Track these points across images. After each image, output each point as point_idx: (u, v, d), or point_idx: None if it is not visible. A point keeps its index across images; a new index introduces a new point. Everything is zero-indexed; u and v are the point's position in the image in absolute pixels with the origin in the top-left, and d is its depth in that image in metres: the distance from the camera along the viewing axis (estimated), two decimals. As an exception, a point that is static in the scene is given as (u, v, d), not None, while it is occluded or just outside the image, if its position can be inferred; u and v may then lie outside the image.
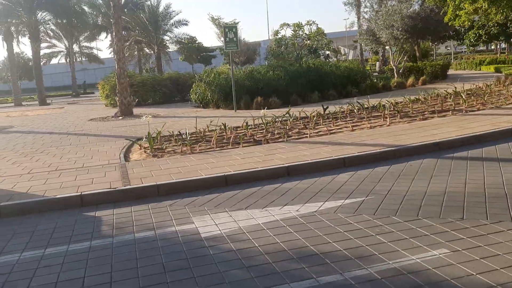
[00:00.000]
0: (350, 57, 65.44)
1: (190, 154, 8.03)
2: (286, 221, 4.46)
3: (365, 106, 12.00)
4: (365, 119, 10.71)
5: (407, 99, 12.93)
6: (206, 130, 10.50)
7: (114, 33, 16.24)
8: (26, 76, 48.74)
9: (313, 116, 10.98)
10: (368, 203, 4.87)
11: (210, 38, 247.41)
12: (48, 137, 11.98)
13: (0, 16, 28.72)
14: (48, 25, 33.01)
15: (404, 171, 6.18)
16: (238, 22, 45.77)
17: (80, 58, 54.75)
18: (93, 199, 5.64)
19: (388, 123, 9.77)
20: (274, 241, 3.95)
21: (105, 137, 11.17)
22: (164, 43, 39.55)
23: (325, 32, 30.06)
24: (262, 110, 10.44)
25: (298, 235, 4.04)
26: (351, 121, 10.47)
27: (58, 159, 8.32)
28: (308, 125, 10.41)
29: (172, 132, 10.13)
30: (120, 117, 16.02)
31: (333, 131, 9.42)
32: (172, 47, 44.10)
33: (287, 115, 11.28)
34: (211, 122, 10.73)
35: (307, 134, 9.16)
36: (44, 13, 30.66)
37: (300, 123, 10.84)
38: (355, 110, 11.60)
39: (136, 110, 17.57)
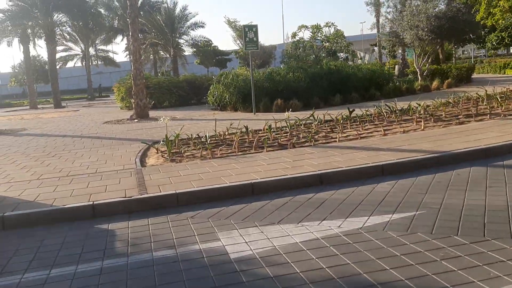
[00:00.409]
0: (366, 61, 64.51)
1: (211, 158, 7.45)
2: (328, 240, 3.83)
3: (394, 109, 11.31)
4: (395, 123, 10.01)
5: (437, 102, 12.20)
6: (226, 133, 9.91)
7: (130, 34, 15.82)
8: (42, 79, 48.79)
9: (340, 119, 10.32)
10: (421, 219, 4.21)
11: (225, 42, 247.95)
12: (61, 140, 11.52)
13: (17, 18, 28.64)
14: (64, 27, 32.93)
15: (452, 181, 5.49)
16: (255, 25, 45.06)
17: (96, 61, 54.86)
18: (106, 209, 5.08)
19: (422, 127, 9.06)
20: (318, 265, 3.32)
21: (120, 140, 10.66)
22: (180, 45, 39.18)
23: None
24: (286, 113, 9.83)
25: (345, 259, 3.41)
26: (380, 125, 9.78)
27: (70, 164, 7.81)
28: (335, 128, 9.76)
29: (191, 135, 9.58)
30: (136, 120, 15.54)
31: (364, 135, 8.75)
32: (188, 50, 43.75)
33: (312, 117, 10.64)
34: (231, 124, 10.15)
35: (335, 138, 8.51)
36: (61, 15, 30.56)
37: (325, 127, 10.19)
38: (384, 113, 10.90)
39: (152, 113, 17.09)
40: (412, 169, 6.13)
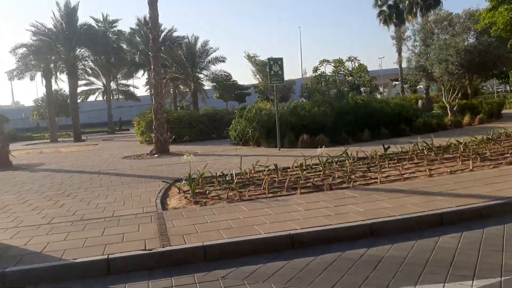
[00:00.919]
0: (385, 95, 63.89)
1: (239, 201, 6.71)
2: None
3: (432, 146, 10.50)
4: (437, 162, 9.18)
5: (477, 139, 11.36)
6: (253, 171, 9.20)
7: (152, 67, 15.50)
8: (64, 113, 49.25)
9: (376, 157, 9.54)
10: (513, 288, 3.37)
11: (243, 76, 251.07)
12: (78, 176, 10.96)
13: (40, 52, 29.00)
14: (86, 62, 33.17)
15: (530, 235, 4.64)
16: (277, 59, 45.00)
17: (117, 96, 55.44)
18: (123, 264, 4.35)
19: (470, 168, 8.21)
20: None
21: (139, 178, 10.02)
22: (201, 80, 39.19)
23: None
24: (319, 149, 9.10)
25: None
26: (422, 164, 8.96)
27: (85, 205, 7.15)
28: (372, 167, 8.98)
29: (215, 173, 8.88)
30: (156, 155, 14.99)
31: (406, 175, 7.92)
32: (208, 84, 43.82)
33: (344, 154, 9.89)
34: (257, 162, 9.45)
35: (375, 179, 7.71)
36: (83, 50, 30.87)
37: (361, 165, 9.42)
38: (423, 151, 10.07)
39: (172, 147, 16.54)
40: (475, 218, 5.29)
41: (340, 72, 28.78)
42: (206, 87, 42.90)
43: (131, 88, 56.76)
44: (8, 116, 59.65)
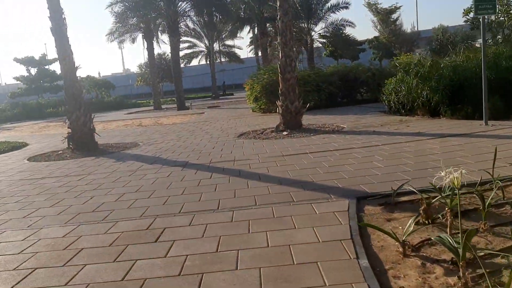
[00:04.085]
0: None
1: None
2: None
3: None
4: None
5: None
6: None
7: (278, 3, 10.73)
8: (168, 78, 47.19)
9: None
10: None
11: (357, 31, 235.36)
12: (178, 175, 6.75)
13: (138, 8, 25.62)
14: (188, 18, 29.32)
15: None
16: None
17: (220, 58, 52.23)
18: None
19: None
20: None
21: (282, 186, 5.46)
22: (320, 32, 33.10)
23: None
24: None
25: None
26: None
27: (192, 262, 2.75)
28: None
29: (438, 187, 3.99)
30: (285, 132, 10.43)
31: None
32: (318, 40, 38.14)
33: None
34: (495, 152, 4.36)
35: None
36: (184, 3, 26.97)
37: None
38: None
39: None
40: None
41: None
42: (320, 43, 37.22)
43: (235, 50, 53.02)
44: (115, 83, 60.03)
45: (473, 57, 10.67)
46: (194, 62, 54.57)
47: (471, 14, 24.90)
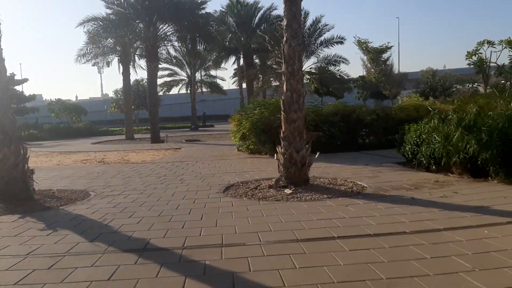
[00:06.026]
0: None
1: None
2: None
3: None
4: None
5: None
6: None
7: (285, 22, 8.24)
8: (145, 105, 44.44)
9: None
10: None
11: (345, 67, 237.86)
12: (126, 277, 3.98)
13: (113, 28, 22.88)
14: (169, 44, 26.71)
15: None
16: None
17: (201, 88, 49.85)
18: None
19: None
20: None
21: None
22: (305, 69, 31.38)
23: None
24: None
25: None
26: None
27: None
28: None
29: None
30: (289, 190, 7.73)
31: None
32: (307, 76, 36.18)
33: None
34: None
35: None
36: (165, 27, 24.36)
37: None
38: None
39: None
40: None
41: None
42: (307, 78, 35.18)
43: (217, 80, 50.75)
44: (91, 108, 56.80)
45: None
46: (174, 90, 52.07)
47: (474, 57, 23.18)
